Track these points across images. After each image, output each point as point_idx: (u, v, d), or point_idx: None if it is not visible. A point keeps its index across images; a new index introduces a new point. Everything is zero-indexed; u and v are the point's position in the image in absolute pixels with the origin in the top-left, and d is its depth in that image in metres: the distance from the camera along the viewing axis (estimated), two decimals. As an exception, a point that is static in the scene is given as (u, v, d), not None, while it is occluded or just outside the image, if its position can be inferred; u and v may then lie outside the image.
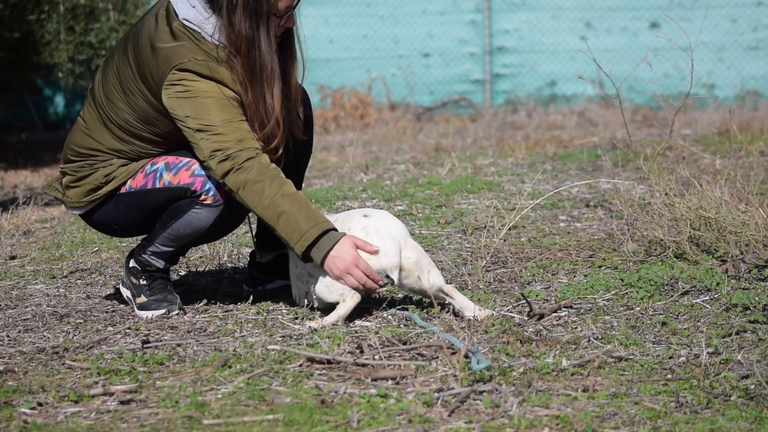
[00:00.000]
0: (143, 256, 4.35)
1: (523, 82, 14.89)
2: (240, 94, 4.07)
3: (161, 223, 4.25)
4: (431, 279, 3.99)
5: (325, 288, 3.97)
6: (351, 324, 3.98)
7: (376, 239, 3.93)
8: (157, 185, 4.21)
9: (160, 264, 4.36)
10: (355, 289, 3.94)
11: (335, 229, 3.97)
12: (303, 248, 3.93)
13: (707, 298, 4.19)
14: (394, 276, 3.92)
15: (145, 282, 4.37)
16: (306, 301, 4.24)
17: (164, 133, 4.20)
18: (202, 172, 4.14)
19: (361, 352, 3.53)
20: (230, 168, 3.99)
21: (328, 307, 4.13)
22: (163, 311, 4.31)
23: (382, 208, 6.52)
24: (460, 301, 4.01)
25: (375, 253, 3.93)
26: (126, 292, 4.43)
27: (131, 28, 4.30)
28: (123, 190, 4.28)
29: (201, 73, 4.04)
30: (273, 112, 4.10)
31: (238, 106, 4.06)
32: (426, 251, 4.09)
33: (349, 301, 3.91)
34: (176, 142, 4.22)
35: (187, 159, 4.19)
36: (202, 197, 4.15)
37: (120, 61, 4.23)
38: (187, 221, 4.20)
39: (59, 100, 15.04)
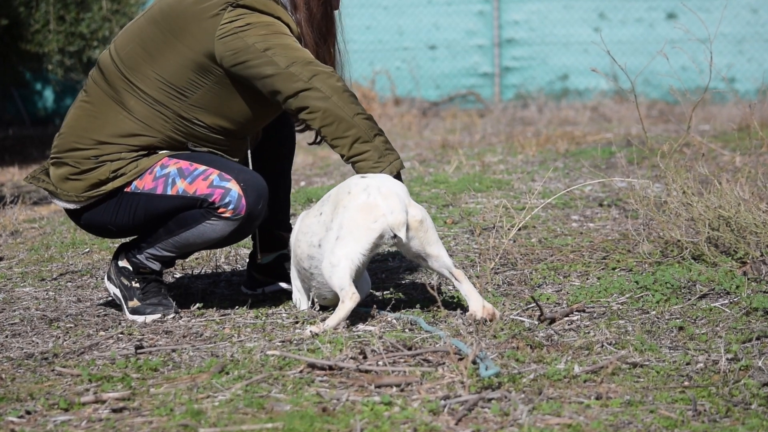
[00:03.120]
0: (138, 257, 4.35)
1: (533, 76, 14.90)
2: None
3: (167, 229, 4.24)
4: (437, 250, 4.01)
5: (330, 266, 3.95)
6: (354, 328, 3.99)
7: (379, 198, 3.94)
8: (169, 192, 4.19)
9: (156, 267, 4.36)
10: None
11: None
12: (396, 168, 4.14)
13: (726, 301, 4.20)
14: (401, 234, 3.91)
15: (137, 285, 4.36)
16: (309, 303, 4.26)
17: (195, 97, 4.20)
18: (222, 183, 4.15)
19: (365, 357, 3.53)
20: (317, 72, 4.09)
21: (330, 305, 4.15)
22: (158, 316, 4.31)
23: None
24: (467, 288, 4.01)
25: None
26: (114, 290, 4.41)
27: (150, 6, 4.33)
28: (127, 189, 4.26)
29: (260, 9, 4.14)
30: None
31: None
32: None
33: (348, 302, 3.91)
34: (202, 116, 4.22)
35: (203, 167, 4.19)
36: (221, 210, 4.15)
37: (143, 30, 4.26)
38: (199, 232, 4.20)
39: (48, 94, 15.06)
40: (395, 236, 3.92)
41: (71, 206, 4.34)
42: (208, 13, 4.12)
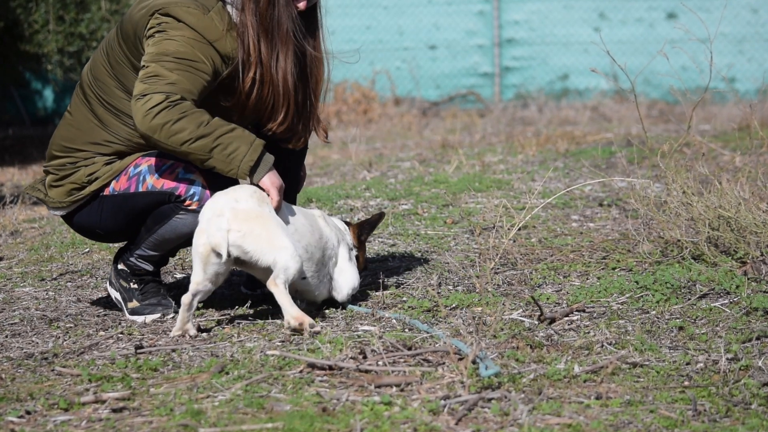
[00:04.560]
0: (131, 260, 4.37)
1: (533, 76, 14.90)
2: (227, 57, 4.13)
3: (146, 227, 4.28)
4: (270, 258, 3.94)
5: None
6: (354, 328, 3.99)
7: (204, 222, 3.98)
8: (140, 189, 4.23)
9: (149, 267, 4.38)
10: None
11: (266, 146, 4.10)
12: (248, 167, 4.02)
13: (726, 301, 4.19)
14: (222, 251, 3.92)
15: (136, 286, 4.38)
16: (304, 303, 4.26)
17: None
18: (187, 176, 4.17)
19: (364, 357, 3.54)
20: (142, 112, 3.97)
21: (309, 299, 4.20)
22: (157, 315, 4.32)
23: (385, 208, 6.53)
24: (278, 300, 3.92)
25: (274, 204, 4.07)
26: (115, 294, 4.44)
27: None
28: (106, 192, 4.30)
29: (183, 20, 4.09)
30: (285, 77, 4.19)
31: (207, 63, 4.08)
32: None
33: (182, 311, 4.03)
34: None
35: (171, 161, 4.21)
36: (187, 202, 4.18)
37: (110, 40, 4.31)
38: (172, 227, 4.22)
39: (48, 94, 15.06)
40: (220, 255, 3.93)
41: (58, 213, 4.42)
42: (142, 21, 4.15)
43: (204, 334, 4.06)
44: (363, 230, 4.51)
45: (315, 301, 4.28)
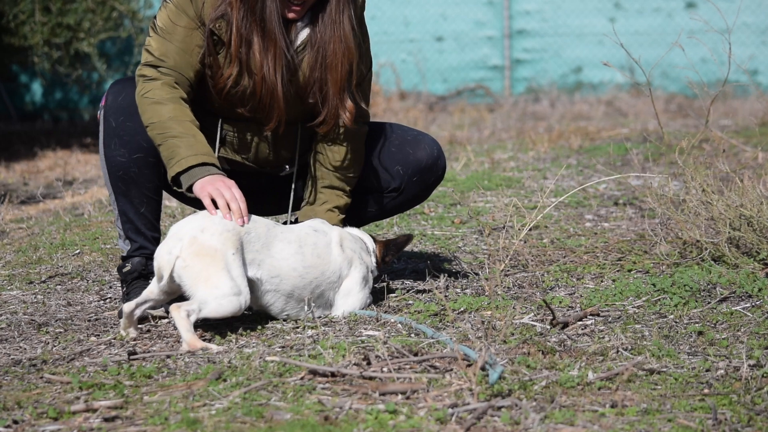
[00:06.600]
0: (122, 255, 4.52)
1: (545, 69, 14.90)
2: (218, 32, 4.25)
3: None
4: (194, 291, 3.98)
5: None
6: (357, 333, 3.99)
7: (168, 235, 4.04)
8: None
9: (124, 246, 4.50)
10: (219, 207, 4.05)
11: (217, 166, 4.15)
12: (174, 172, 4.12)
13: (748, 305, 4.20)
14: (165, 274, 3.98)
15: (126, 289, 4.48)
16: (305, 307, 4.27)
17: None
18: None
19: (369, 363, 3.54)
20: (141, 75, 4.25)
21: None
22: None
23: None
24: (178, 326, 3.95)
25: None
26: None
27: None
28: None
29: None
30: (269, 71, 4.26)
31: (196, 29, 4.25)
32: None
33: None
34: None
35: None
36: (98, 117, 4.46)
37: None
38: (100, 153, 4.43)
39: (36, 88, 15.07)
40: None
41: None
42: None
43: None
44: (389, 250, 4.51)
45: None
